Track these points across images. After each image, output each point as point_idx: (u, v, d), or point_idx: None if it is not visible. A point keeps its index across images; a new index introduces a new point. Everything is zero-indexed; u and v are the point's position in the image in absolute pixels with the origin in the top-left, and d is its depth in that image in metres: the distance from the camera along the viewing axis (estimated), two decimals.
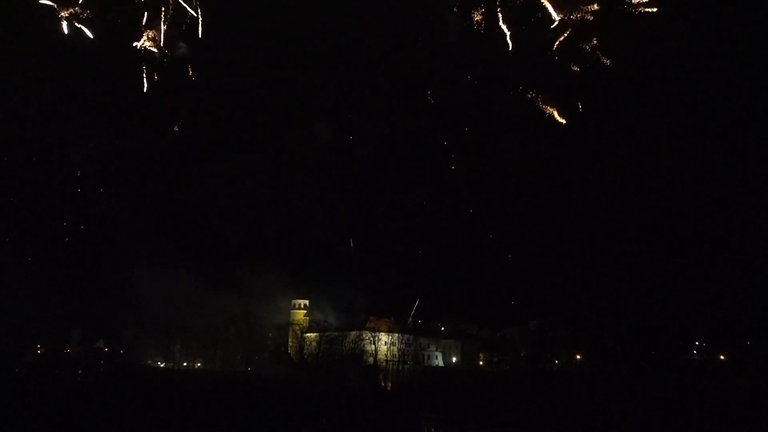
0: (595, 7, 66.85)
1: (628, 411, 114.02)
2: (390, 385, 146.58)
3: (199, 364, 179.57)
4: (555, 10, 66.44)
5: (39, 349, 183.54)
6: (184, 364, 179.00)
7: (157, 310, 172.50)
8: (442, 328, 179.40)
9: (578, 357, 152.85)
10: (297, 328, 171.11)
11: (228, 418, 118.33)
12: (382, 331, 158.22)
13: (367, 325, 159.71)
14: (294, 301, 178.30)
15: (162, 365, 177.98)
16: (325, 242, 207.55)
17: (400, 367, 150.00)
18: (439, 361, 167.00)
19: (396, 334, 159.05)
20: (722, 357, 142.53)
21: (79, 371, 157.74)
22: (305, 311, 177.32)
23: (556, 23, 67.80)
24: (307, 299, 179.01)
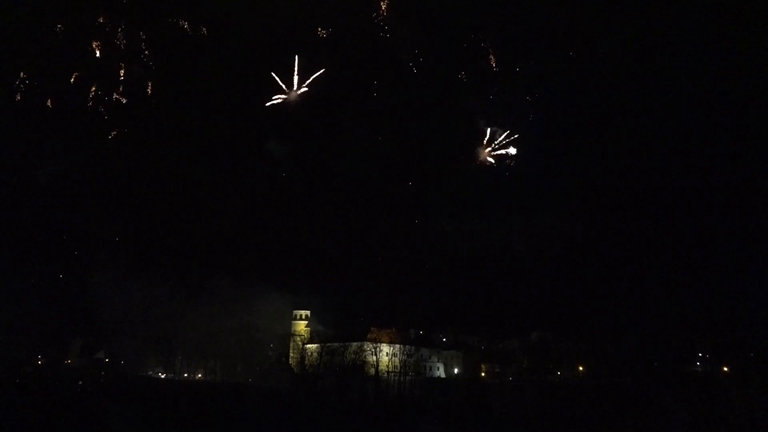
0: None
1: (630, 423, 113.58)
2: (391, 396, 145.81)
3: (199, 375, 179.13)
4: (495, 61, 71.57)
5: (39, 359, 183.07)
6: (185, 374, 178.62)
7: (157, 322, 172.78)
8: (444, 339, 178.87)
9: (580, 368, 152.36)
10: (298, 339, 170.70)
11: (228, 430, 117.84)
12: (384, 342, 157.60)
13: (369, 336, 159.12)
14: (295, 312, 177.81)
15: (162, 376, 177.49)
16: (327, 254, 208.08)
17: (402, 378, 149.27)
18: (441, 372, 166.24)
19: (398, 345, 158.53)
20: (725, 369, 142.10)
21: (80, 382, 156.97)
22: (306, 322, 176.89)
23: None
24: (308, 310, 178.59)
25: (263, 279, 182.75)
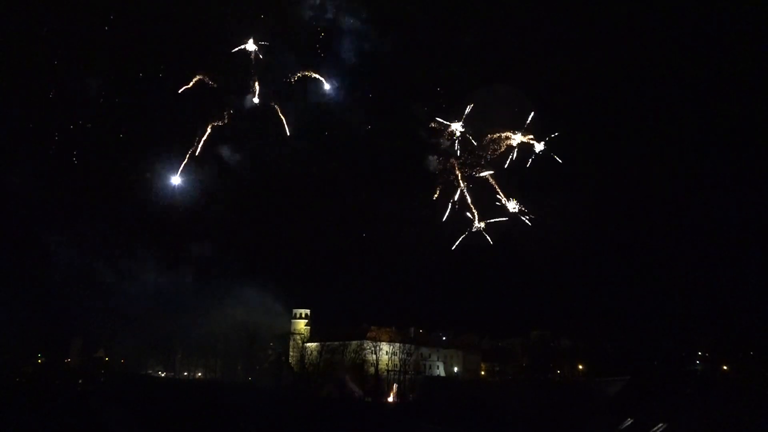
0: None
1: (630, 422, 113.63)
2: (392, 394, 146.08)
3: (199, 374, 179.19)
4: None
5: (39, 358, 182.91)
6: (185, 373, 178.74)
7: (157, 320, 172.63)
8: (444, 338, 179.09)
9: (580, 367, 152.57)
10: (298, 337, 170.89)
11: (228, 429, 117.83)
12: (384, 341, 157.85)
13: (369, 334, 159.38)
14: (295, 310, 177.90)
15: (162, 374, 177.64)
16: (327, 252, 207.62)
17: (402, 377, 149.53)
18: (441, 371, 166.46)
19: (397, 344, 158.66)
20: (725, 368, 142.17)
21: (80, 381, 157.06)
22: (306, 321, 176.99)
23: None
24: (308, 309, 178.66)
25: (263, 278, 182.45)
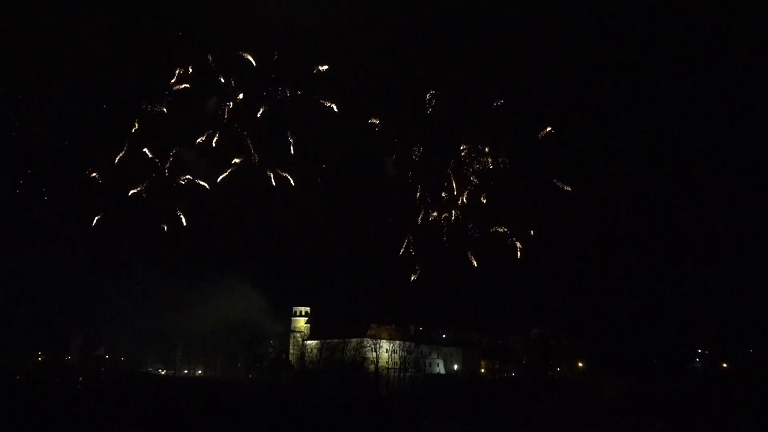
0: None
1: (629, 419, 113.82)
2: (391, 392, 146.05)
3: (200, 372, 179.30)
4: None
5: (39, 356, 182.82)
6: (185, 371, 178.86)
7: (157, 318, 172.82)
8: (444, 336, 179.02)
9: (580, 365, 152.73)
10: (298, 335, 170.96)
11: (228, 427, 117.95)
12: (384, 339, 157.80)
13: (369, 332, 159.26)
14: (295, 308, 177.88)
15: (163, 372, 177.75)
16: (326, 250, 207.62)
17: (402, 374, 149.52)
18: (441, 369, 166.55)
19: (397, 342, 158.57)
20: (724, 365, 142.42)
21: (80, 378, 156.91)
22: (306, 318, 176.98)
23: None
24: (308, 307, 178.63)
25: (263, 276, 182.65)
